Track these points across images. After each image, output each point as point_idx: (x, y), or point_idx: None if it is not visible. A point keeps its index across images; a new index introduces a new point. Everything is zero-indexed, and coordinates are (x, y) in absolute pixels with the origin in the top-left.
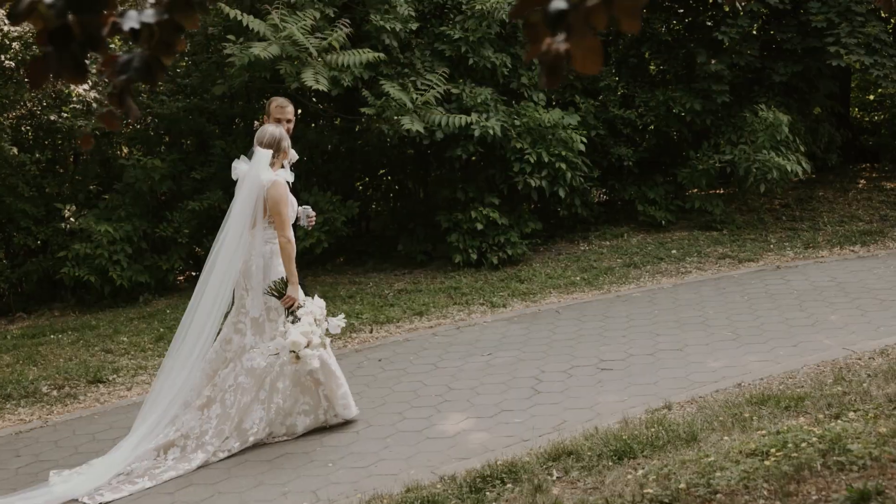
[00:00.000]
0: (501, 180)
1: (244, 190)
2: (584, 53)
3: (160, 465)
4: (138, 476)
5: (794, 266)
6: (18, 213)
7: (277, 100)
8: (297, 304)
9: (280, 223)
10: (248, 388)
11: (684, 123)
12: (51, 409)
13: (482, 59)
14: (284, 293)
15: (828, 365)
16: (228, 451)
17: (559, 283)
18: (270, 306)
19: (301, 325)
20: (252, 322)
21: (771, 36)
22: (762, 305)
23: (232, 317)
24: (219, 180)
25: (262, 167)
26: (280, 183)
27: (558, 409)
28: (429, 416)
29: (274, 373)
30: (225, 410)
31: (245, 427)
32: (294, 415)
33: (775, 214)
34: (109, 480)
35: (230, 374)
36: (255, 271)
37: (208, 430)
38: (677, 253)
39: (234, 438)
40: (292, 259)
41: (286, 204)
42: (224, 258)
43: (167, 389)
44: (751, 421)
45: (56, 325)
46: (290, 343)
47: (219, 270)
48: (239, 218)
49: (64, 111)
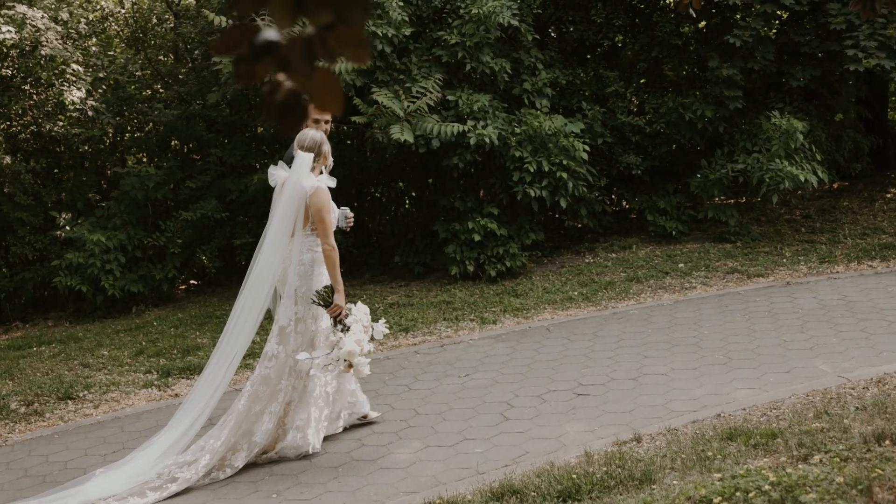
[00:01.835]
0: (501, 190)
1: (284, 196)
2: (320, 91)
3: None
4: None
5: (805, 282)
6: (16, 221)
7: None
8: (344, 313)
9: (323, 231)
10: (261, 397)
11: (696, 131)
12: (14, 426)
13: (480, 64)
14: (331, 301)
15: (818, 394)
16: (235, 468)
17: (555, 298)
18: (299, 318)
19: (353, 333)
20: (279, 330)
21: (788, 39)
22: (761, 326)
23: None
24: (215, 189)
25: (303, 172)
26: (322, 189)
27: (523, 439)
28: (388, 444)
29: (287, 386)
30: (237, 419)
31: (255, 439)
32: (289, 430)
33: (794, 226)
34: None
35: (252, 378)
36: (293, 280)
37: (222, 436)
38: (684, 267)
39: (243, 451)
40: (337, 266)
41: (329, 210)
42: (262, 267)
43: (198, 397)
44: (713, 460)
45: (45, 336)
46: (346, 353)
47: (258, 280)
48: (279, 225)
49: (61, 119)
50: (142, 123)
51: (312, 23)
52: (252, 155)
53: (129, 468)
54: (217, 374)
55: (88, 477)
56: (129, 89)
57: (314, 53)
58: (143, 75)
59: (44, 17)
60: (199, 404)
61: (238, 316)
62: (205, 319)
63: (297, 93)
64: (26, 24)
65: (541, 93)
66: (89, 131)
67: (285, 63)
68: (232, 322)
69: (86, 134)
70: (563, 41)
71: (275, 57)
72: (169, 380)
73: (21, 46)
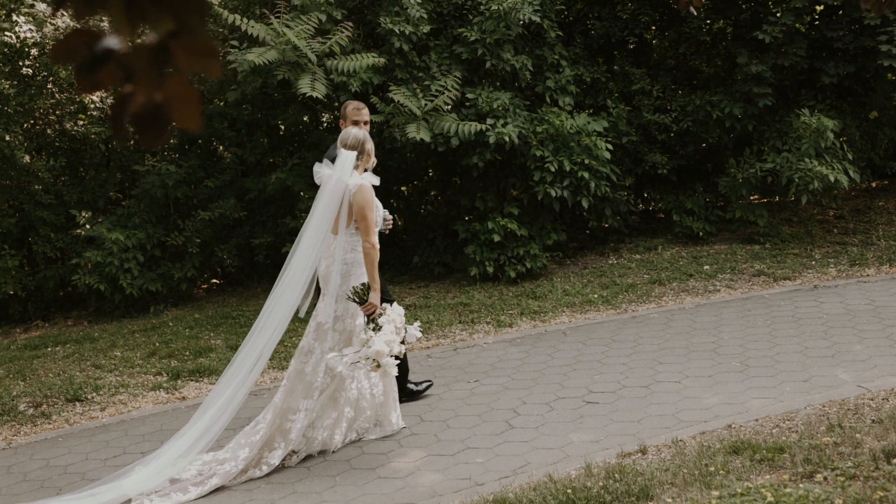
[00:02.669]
0: (522, 190)
1: (326, 194)
2: (176, 103)
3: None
4: (193, 485)
5: (833, 286)
6: (37, 220)
7: (353, 103)
8: (377, 312)
9: (365, 228)
10: (296, 393)
11: (724, 129)
12: (20, 428)
13: (501, 62)
14: (366, 299)
15: (835, 405)
16: (272, 466)
17: (574, 300)
18: (338, 316)
19: (384, 333)
20: (317, 326)
21: (820, 34)
22: (783, 332)
23: None
24: (235, 188)
25: (346, 171)
26: (366, 187)
27: (526, 449)
28: (389, 452)
29: (322, 384)
30: (273, 417)
31: (287, 430)
32: (317, 428)
33: (826, 226)
34: (160, 485)
35: (287, 373)
36: (335, 278)
37: (260, 431)
38: (709, 269)
39: (280, 449)
40: (376, 265)
41: (372, 209)
42: (298, 263)
43: (225, 391)
44: (715, 476)
45: (62, 335)
46: (375, 352)
47: (292, 277)
48: (319, 223)
49: (81, 118)
50: None
51: (153, 30)
52: (272, 153)
53: (157, 463)
54: (244, 368)
55: (126, 472)
56: None
57: (161, 62)
58: None
59: (63, 16)
60: (225, 398)
61: (270, 311)
62: (220, 320)
63: (156, 104)
64: (46, 23)
65: (564, 90)
66: (108, 130)
67: (130, 72)
68: (263, 317)
69: (106, 132)
70: (589, 38)
71: (119, 66)
72: (178, 382)
73: (42, 45)
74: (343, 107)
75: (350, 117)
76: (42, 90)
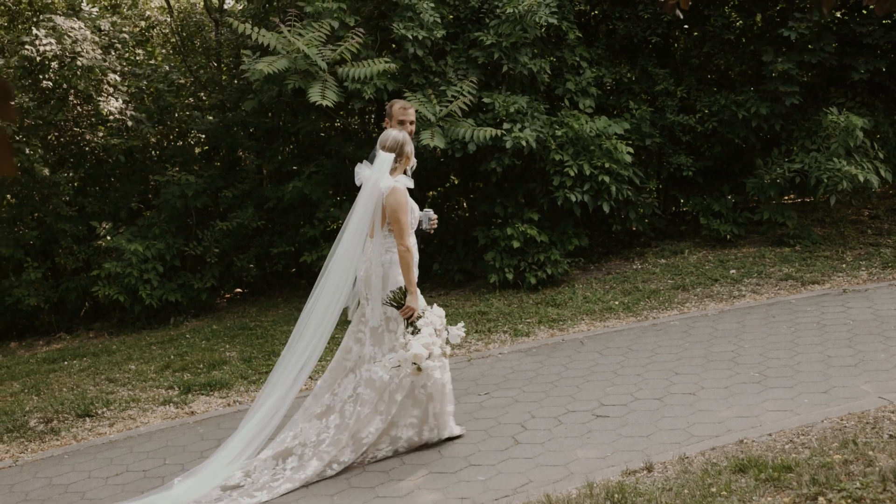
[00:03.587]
0: (542, 194)
1: (363, 197)
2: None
3: (278, 477)
4: (257, 489)
5: (864, 290)
6: (60, 232)
7: (399, 102)
8: (416, 315)
9: (399, 231)
10: (367, 400)
11: (751, 129)
12: (28, 445)
13: (518, 65)
14: (403, 303)
15: (853, 418)
16: (342, 464)
17: (595, 307)
18: (389, 316)
19: (422, 336)
20: (371, 332)
21: (850, 29)
22: (807, 339)
23: (353, 326)
24: (254, 197)
25: (382, 173)
26: (399, 189)
27: (530, 466)
28: (390, 470)
29: (393, 384)
30: (343, 420)
31: (361, 437)
32: (400, 427)
33: (859, 227)
34: (215, 493)
35: (350, 384)
36: (375, 281)
37: (325, 439)
38: (736, 273)
39: (349, 449)
40: (412, 268)
41: (405, 211)
42: (337, 267)
43: (268, 401)
44: (716, 497)
45: (81, 348)
46: (412, 355)
47: (331, 280)
48: (357, 225)
49: (100, 130)
50: (184, 132)
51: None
52: (292, 161)
53: (205, 472)
54: (289, 375)
55: (168, 486)
56: (168, 98)
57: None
58: (186, 83)
59: (82, 28)
60: (271, 405)
61: (309, 317)
62: (238, 332)
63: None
64: (65, 36)
65: (585, 92)
66: (128, 142)
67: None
68: (303, 323)
69: (124, 144)
70: (612, 38)
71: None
72: (189, 396)
73: (62, 58)
74: (389, 105)
75: (396, 116)
76: (63, 102)
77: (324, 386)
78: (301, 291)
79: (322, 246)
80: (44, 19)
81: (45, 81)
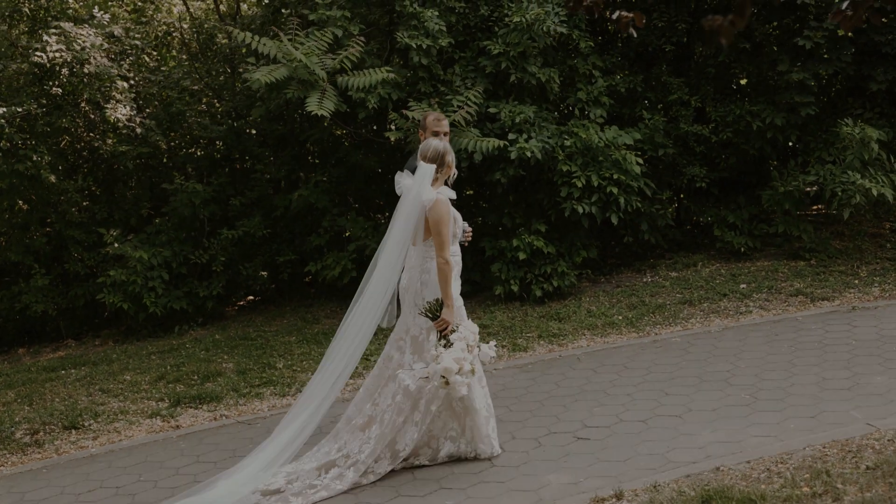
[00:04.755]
0: (549, 205)
1: (405, 207)
2: None
3: (316, 484)
4: (293, 495)
5: (873, 308)
6: (69, 239)
7: (434, 113)
8: (450, 328)
9: (439, 244)
10: (403, 408)
11: (766, 140)
12: (9, 458)
13: (526, 74)
14: (439, 314)
15: (836, 446)
16: (379, 475)
17: (597, 322)
18: (430, 326)
19: (454, 350)
20: (412, 340)
21: (868, 38)
22: (806, 359)
23: (394, 334)
24: (263, 205)
25: (424, 184)
26: (442, 201)
27: (500, 491)
28: (359, 492)
29: (429, 395)
30: (382, 430)
31: (397, 448)
32: (440, 438)
33: (879, 241)
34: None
35: (389, 392)
36: (417, 288)
37: (366, 450)
38: (746, 288)
39: (386, 459)
40: (449, 281)
41: (447, 224)
42: (379, 277)
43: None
44: None
45: (83, 356)
46: (442, 369)
47: (371, 290)
48: (398, 236)
49: (110, 137)
50: (194, 139)
51: None
52: (300, 169)
53: (241, 475)
54: (327, 382)
55: (208, 484)
56: (178, 105)
57: None
58: (199, 90)
59: (91, 35)
60: (308, 412)
61: (349, 325)
62: (238, 342)
63: None
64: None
65: (597, 102)
66: (136, 149)
67: None
68: (342, 330)
69: (133, 151)
70: (628, 47)
71: None
72: (177, 409)
73: (71, 65)
74: (423, 117)
75: (430, 128)
76: (72, 109)
77: (365, 395)
78: (309, 301)
79: (327, 255)
80: (54, 26)
81: (54, 88)
